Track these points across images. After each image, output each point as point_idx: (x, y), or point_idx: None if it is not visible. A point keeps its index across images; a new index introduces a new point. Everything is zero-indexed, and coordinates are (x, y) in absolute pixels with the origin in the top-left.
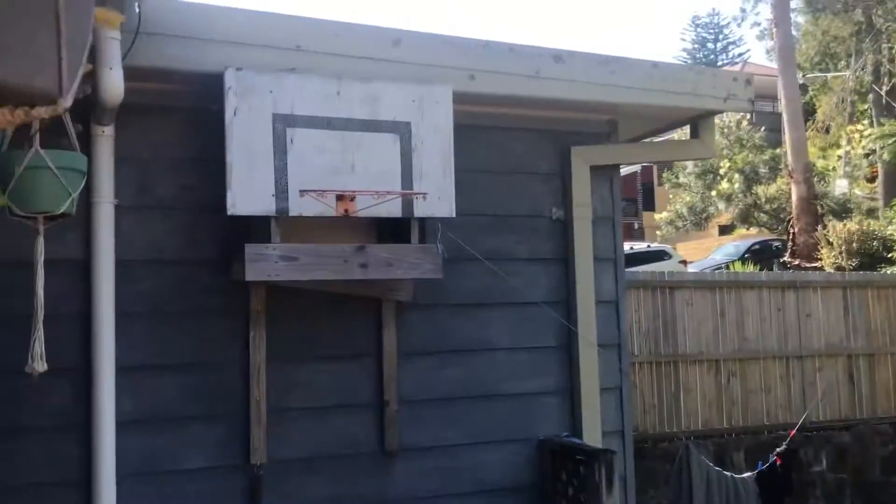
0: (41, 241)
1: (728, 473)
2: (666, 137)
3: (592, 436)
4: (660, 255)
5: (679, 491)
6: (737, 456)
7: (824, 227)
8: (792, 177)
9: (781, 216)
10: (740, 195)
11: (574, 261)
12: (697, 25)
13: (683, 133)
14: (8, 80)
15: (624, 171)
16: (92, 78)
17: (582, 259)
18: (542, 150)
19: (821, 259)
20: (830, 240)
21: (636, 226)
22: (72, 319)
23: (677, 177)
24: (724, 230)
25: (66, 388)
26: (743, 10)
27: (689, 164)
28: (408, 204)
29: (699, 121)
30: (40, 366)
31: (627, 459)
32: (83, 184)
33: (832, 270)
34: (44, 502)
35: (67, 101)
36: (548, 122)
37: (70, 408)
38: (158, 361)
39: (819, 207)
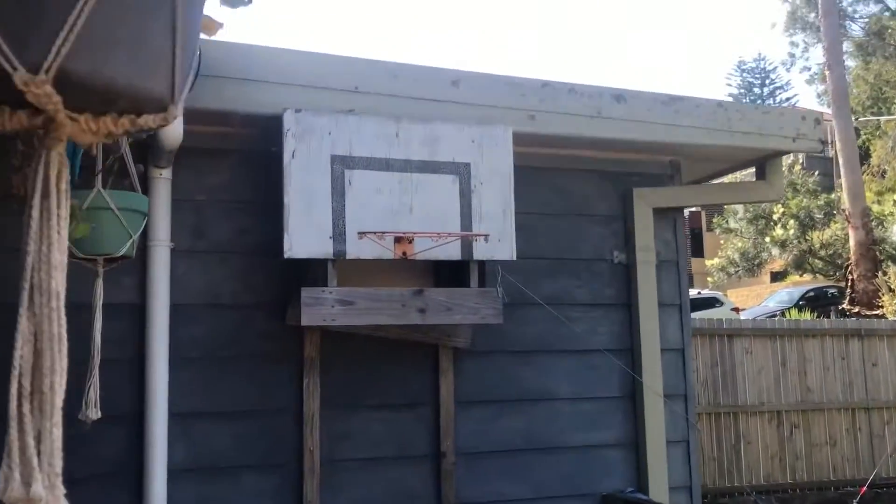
0: (100, 283)
1: None
2: (719, 180)
3: (659, 491)
4: (711, 303)
5: None
6: None
7: (884, 273)
8: (849, 222)
9: (837, 262)
10: (795, 241)
11: (638, 306)
12: (743, 70)
13: (735, 175)
14: (117, 79)
15: None
16: None
17: (646, 304)
18: (603, 192)
19: (882, 306)
20: (893, 286)
21: None
22: (125, 364)
23: (728, 222)
24: (777, 276)
25: (117, 435)
26: (792, 55)
27: (741, 209)
28: (467, 246)
29: (766, 162)
30: (94, 413)
31: None
32: (143, 225)
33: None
34: None
35: (178, 110)
36: (609, 164)
37: (122, 455)
38: (211, 408)
39: (878, 253)
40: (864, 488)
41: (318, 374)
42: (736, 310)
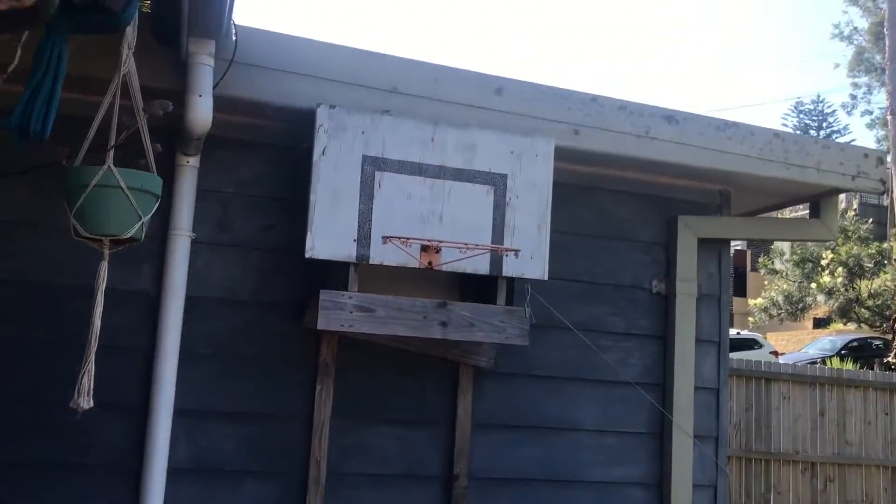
0: (104, 266)
1: None
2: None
3: None
4: (750, 344)
5: None
6: None
7: None
8: None
9: (885, 313)
10: (842, 289)
11: (674, 340)
12: (800, 112)
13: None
14: None
15: None
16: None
17: (683, 339)
18: (645, 217)
19: None
20: None
21: None
22: (133, 354)
23: (773, 262)
24: (820, 323)
25: (119, 427)
26: (853, 97)
27: (787, 251)
28: (496, 261)
29: (821, 199)
30: (86, 402)
31: None
32: (155, 208)
33: None
34: None
35: None
36: (654, 188)
37: (122, 447)
38: (218, 408)
39: None
40: None
41: (332, 381)
42: (775, 353)
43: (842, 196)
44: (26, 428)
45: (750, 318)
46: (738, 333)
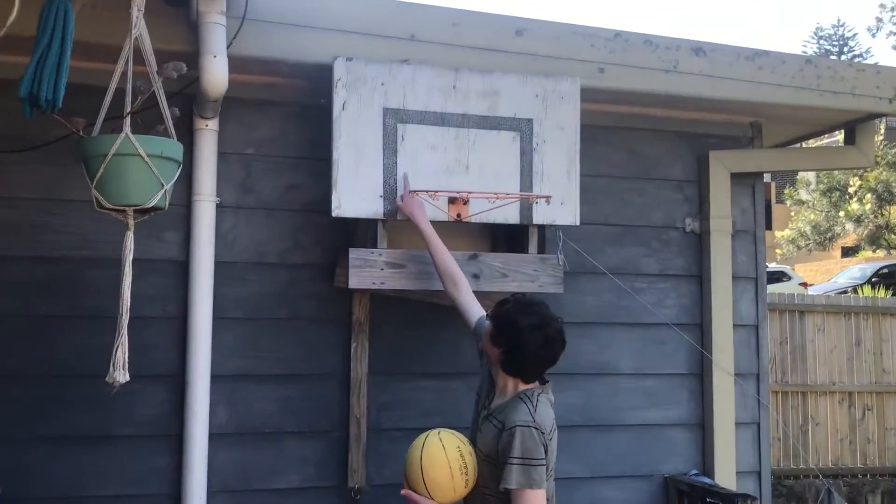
0: (130, 237)
1: None
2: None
3: (725, 475)
4: (778, 277)
5: None
6: (872, 499)
7: None
8: None
9: None
10: (871, 216)
11: (710, 278)
12: (820, 37)
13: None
14: None
15: None
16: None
17: (719, 277)
18: (676, 155)
19: None
20: None
21: None
22: (167, 323)
23: (799, 193)
24: (849, 252)
25: (158, 396)
26: (879, 20)
27: (813, 181)
28: (526, 209)
29: (857, 125)
30: (122, 376)
31: None
32: (177, 175)
33: None
34: None
35: None
36: (684, 124)
37: (163, 416)
38: (255, 371)
39: None
40: None
41: (366, 338)
42: (804, 285)
43: (874, 122)
44: (72, 402)
45: (777, 251)
46: (767, 266)
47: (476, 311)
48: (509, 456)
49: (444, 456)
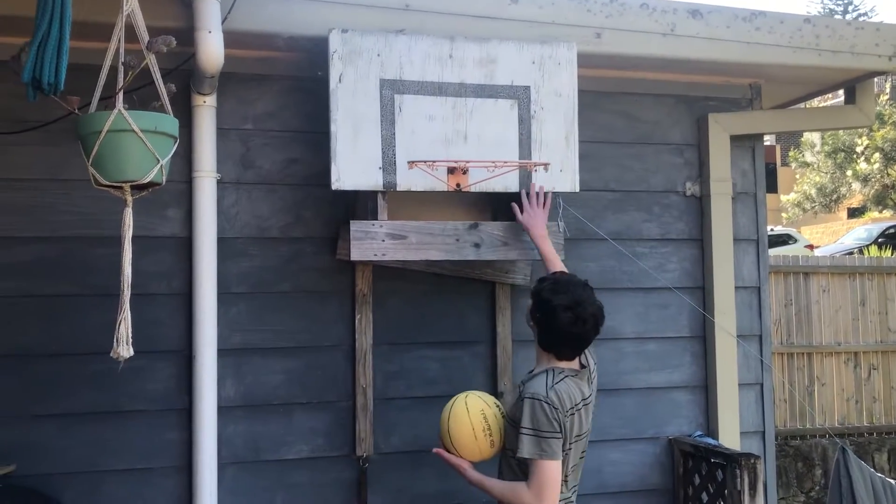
0: (129, 213)
1: (892, 480)
2: (800, 106)
3: (729, 436)
4: (784, 239)
5: (839, 500)
6: (879, 457)
7: None
8: None
9: None
10: (878, 175)
11: (711, 241)
12: None
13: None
14: None
15: None
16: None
17: (720, 239)
18: (675, 119)
19: None
20: None
21: None
22: (173, 299)
23: (804, 155)
24: (854, 213)
25: (166, 371)
26: None
27: (818, 143)
28: (526, 177)
29: (856, 84)
30: (126, 351)
31: (769, 464)
32: (173, 150)
33: None
34: (144, 488)
35: None
36: (682, 87)
37: (171, 391)
38: (261, 344)
39: None
40: None
41: (370, 309)
42: (810, 247)
43: (875, 81)
44: (82, 379)
45: (783, 214)
46: (772, 229)
47: None
48: (520, 426)
49: (468, 417)
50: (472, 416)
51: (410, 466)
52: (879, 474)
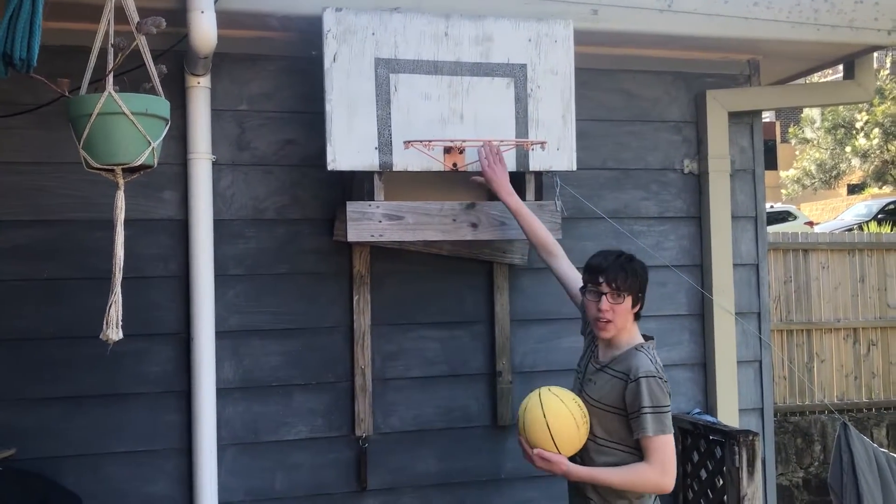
0: (121, 195)
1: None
2: (800, 82)
3: (728, 413)
4: (783, 216)
5: (840, 476)
6: (877, 433)
7: None
8: None
9: None
10: (877, 151)
11: (709, 219)
12: None
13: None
14: None
15: None
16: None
17: (718, 217)
18: (673, 96)
19: None
20: None
21: None
22: (170, 282)
23: (804, 132)
24: (854, 189)
25: (165, 353)
26: None
27: (818, 119)
28: (522, 156)
29: (856, 59)
30: (115, 334)
31: (767, 441)
32: (165, 132)
33: None
34: (144, 470)
35: None
36: (680, 64)
37: (170, 374)
38: (259, 326)
39: None
40: None
41: (368, 290)
42: (810, 223)
43: (874, 55)
44: (82, 362)
45: (783, 191)
46: (772, 206)
47: (580, 281)
48: (640, 406)
49: (566, 408)
50: (570, 407)
51: (410, 446)
52: (883, 449)
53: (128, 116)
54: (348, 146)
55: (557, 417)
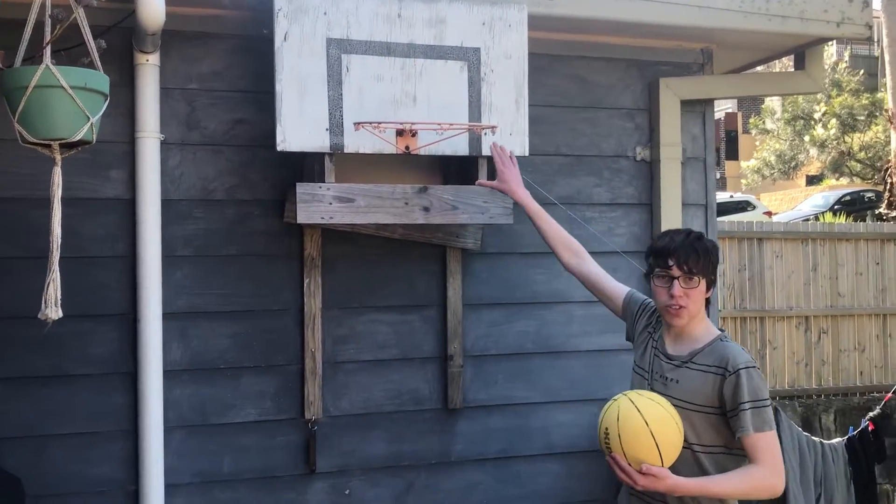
0: (58, 171)
1: (817, 439)
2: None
3: None
4: (743, 206)
5: None
6: (826, 418)
7: None
8: (892, 122)
9: (877, 165)
10: (834, 142)
11: (660, 206)
12: None
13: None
14: None
15: None
16: None
17: (669, 204)
18: (626, 83)
19: None
20: None
21: (718, 175)
22: (117, 262)
23: (764, 122)
24: (812, 180)
25: (111, 334)
26: None
27: (778, 110)
28: (475, 141)
29: (806, 50)
30: (54, 312)
31: None
32: (104, 108)
33: None
34: (89, 452)
35: None
36: (633, 52)
37: (116, 355)
38: (208, 308)
39: None
40: (890, 395)
41: (319, 273)
42: (769, 213)
43: (833, 49)
44: (24, 343)
45: (743, 181)
46: (732, 196)
47: (619, 286)
48: (742, 401)
49: (665, 411)
50: (668, 409)
51: (360, 429)
52: (805, 433)
53: (66, 90)
54: (299, 127)
55: (660, 423)
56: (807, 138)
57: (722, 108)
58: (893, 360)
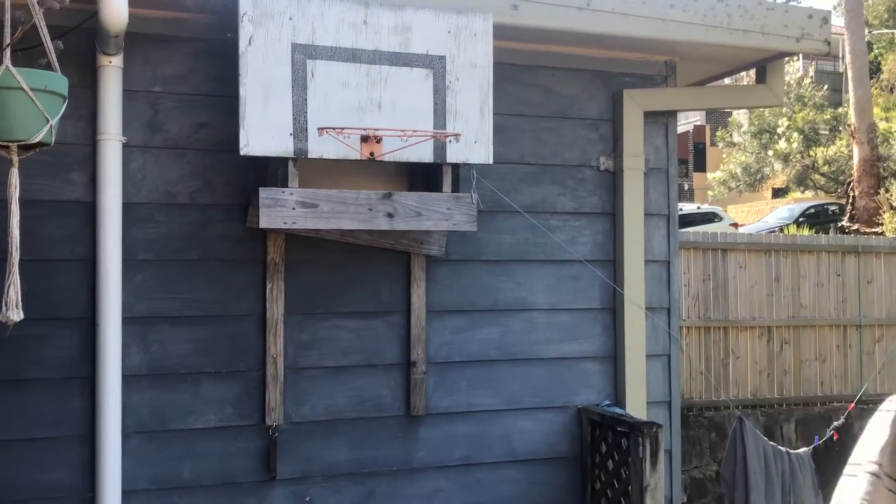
0: (15, 173)
1: (783, 448)
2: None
3: (636, 405)
4: (710, 217)
5: (733, 468)
6: (787, 427)
7: (887, 190)
8: (854, 137)
9: (840, 179)
10: (798, 156)
11: (623, 216)
12: None
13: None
14: None
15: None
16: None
17: (631, 214)
18: (590, 94)
19: (882, 224)
20: (894, 203)
21: (686, 187)
22: (76, 265)
23: (731, 135)
24: (778, 193)
25: (70, 339)
26: None
27: (745, 123)
28: (440, 148)
29: (767, 64)
30: (15, 314)
31: (674, 432)
32: (63, 110)
33: (895, 236)
34: (46, 457)
35: None
36: (598, 63)
37: (75, 359)
38: (168, 313)
39: (881, 170)
40: (853, 404)
41: (282, 279)
42: (735, 225)
43: (799, 64)
44: None
45: (709, 192)
46: (699, 207)
47: None
48: None
49: None
50: None
51: (321, 435)
52: (772, 443)
53: (26, 92)
54: (263, 131)
55: None
56: (771, 152)
57: (690, 121)
58: (853, 371)
